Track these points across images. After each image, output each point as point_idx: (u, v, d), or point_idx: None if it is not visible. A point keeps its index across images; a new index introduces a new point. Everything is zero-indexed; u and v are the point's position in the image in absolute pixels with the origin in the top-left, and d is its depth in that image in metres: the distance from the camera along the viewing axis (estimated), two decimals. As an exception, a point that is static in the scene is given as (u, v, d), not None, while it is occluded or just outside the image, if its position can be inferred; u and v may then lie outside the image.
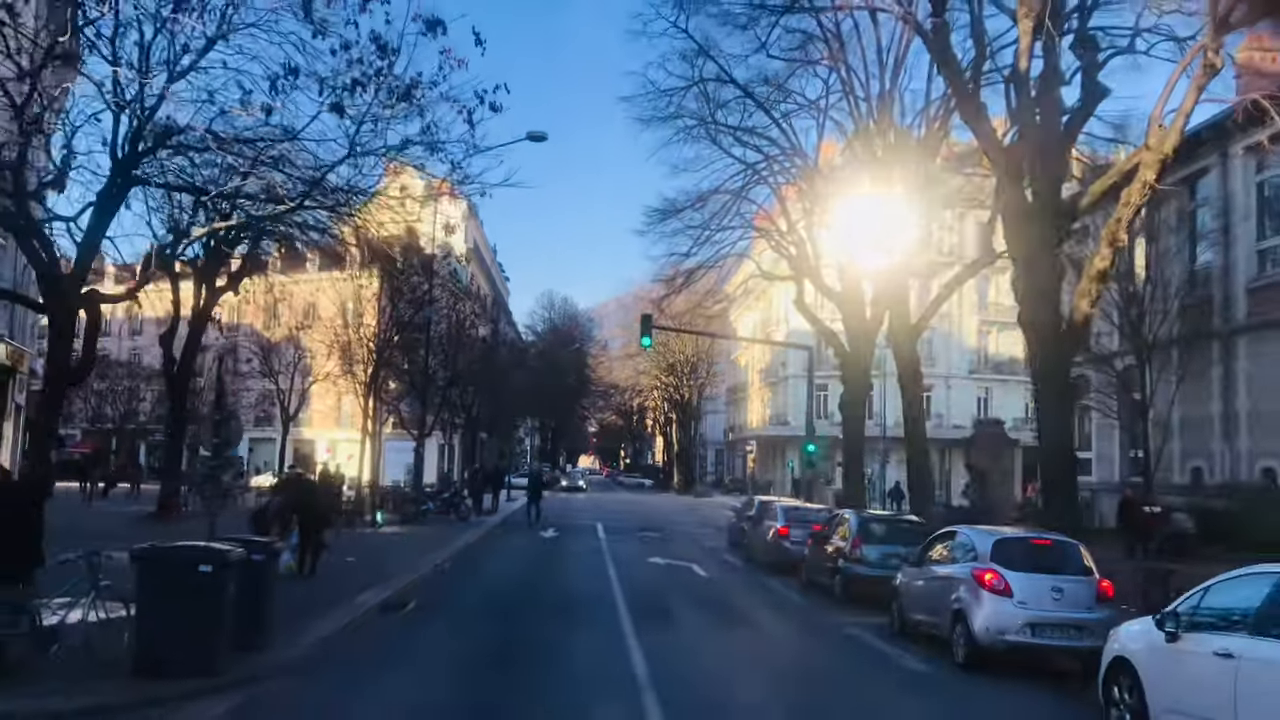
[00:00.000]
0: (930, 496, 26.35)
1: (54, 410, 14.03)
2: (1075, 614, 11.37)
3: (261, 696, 9.35)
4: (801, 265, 32.16)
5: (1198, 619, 7.97)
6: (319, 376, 47.71)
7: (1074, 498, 19.59)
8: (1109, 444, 31.46)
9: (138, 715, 8.38)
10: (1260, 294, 25.05)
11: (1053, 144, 19.03)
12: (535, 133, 23.68)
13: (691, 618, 15.27)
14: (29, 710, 8.20)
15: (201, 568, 9.53)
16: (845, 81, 26.66)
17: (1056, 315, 19.17)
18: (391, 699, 9.45)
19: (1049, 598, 11.54)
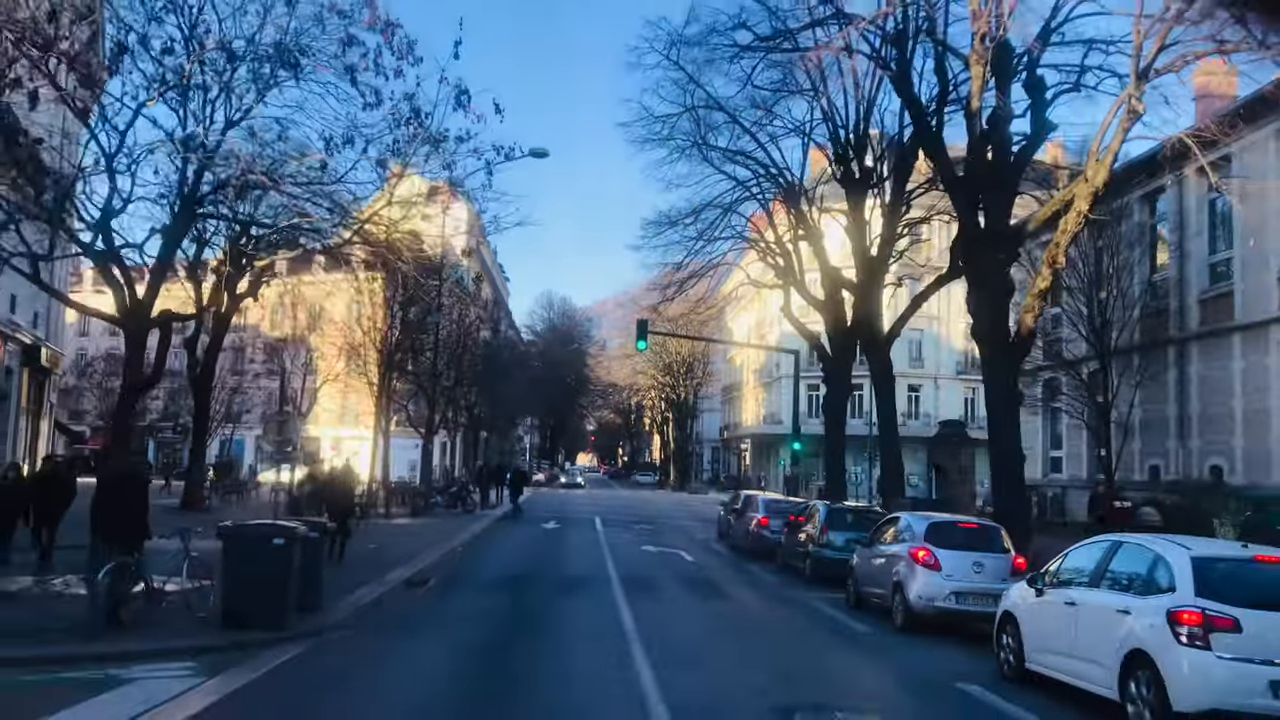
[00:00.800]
0: (901, 490, 28.55)
1: (127, 411, 16.34)
2: (993, 585, 13.59)
3: (322, 645, 11.63)
4: (787, 275, 34.31)
5: (1057, 578, 10.33)
6: (329, 377, 50.00)
7: (1022, 491, 21.81)
8: (1078, 443, 33.29)
9: (228, 656, 10.61)
10: (1211, 304, 27.02)
11: (1002, 175, 21.32)
12: (537, 149, 25.81)
13: (675, 591, 17.65)
14: (150, 649, 10.54)
15: (275, 541, 11.84)
16: (825, 111, 28.87)
17: (1004, 329, 21.45)
18: (426, 645, 11.80)
19: (971, 571, 13.86)
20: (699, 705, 9.06)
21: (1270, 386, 24.45)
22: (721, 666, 11.23)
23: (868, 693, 10.22)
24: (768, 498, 27.07)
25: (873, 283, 29.85)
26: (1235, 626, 7.99)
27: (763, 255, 36.26)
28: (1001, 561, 14.14)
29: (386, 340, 38.03)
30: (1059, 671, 9.87)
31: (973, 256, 21.60)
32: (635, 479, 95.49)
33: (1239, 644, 7.95)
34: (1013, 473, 21.20)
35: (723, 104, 28.33)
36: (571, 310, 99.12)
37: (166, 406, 73.02)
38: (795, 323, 35.29)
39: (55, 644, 10.34)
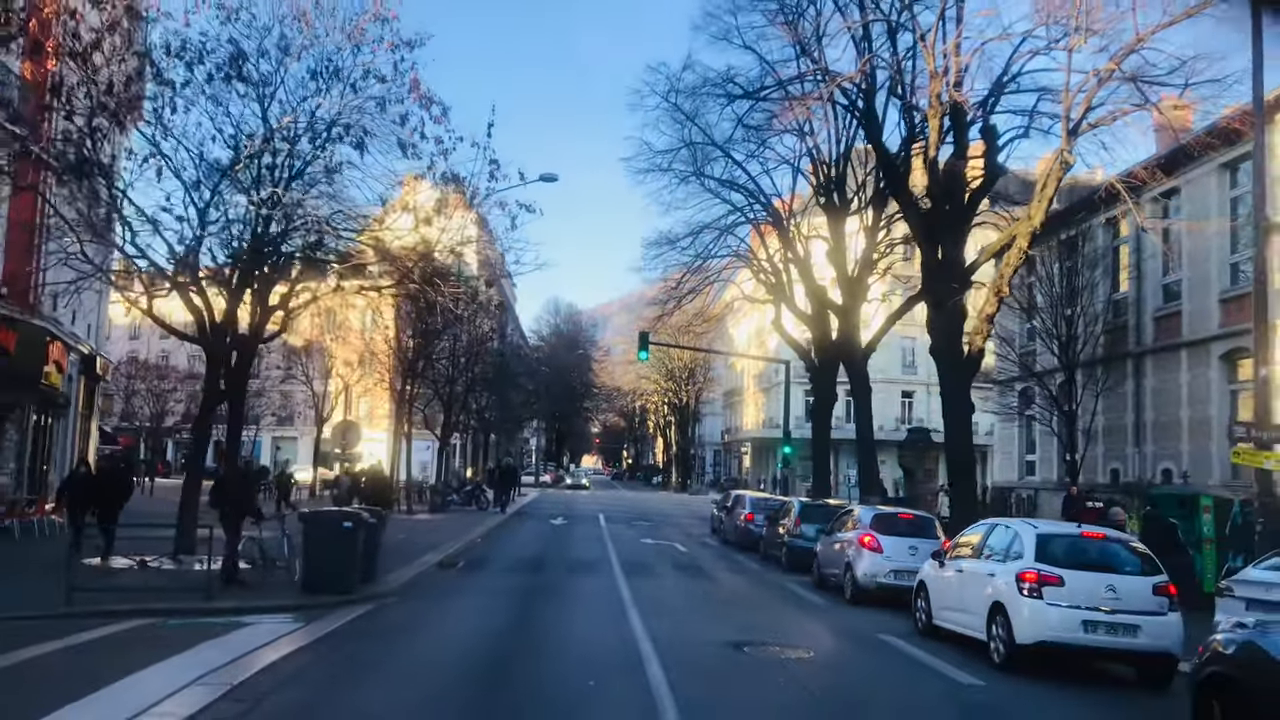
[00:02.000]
0: (875, 489, 31.57)
1: (207, 420, 19.47)
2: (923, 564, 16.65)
3: (382, 606, 14.71)
4: (778, 292, 37.36)
5: (953, 553, 13.40)
6: (350, 382, 53.01)
7: (972, 489, 24.86)
8: (1049, 449, 35.89)
9: (308, 613, 13.64)
10: (1164, 321, 29.67)
11: (957, 213, 24.40)
12: (547, 174, 28.88)
13: (668, 574, 20.77)
14: (258, 605, 13.69)
15: (345, 524, 14.95)
16: (812, 149, 31.96)
17: (958, 347, 24.53)
18: (464, 606, 14.92)
19: (908, 553, 16.87)
20: (674, 639, 12.11)
21: (1211, 398, 27.05)
22: (696, 621, 14.36)
23: (807, 639, 13.26)
24: (754, 496, 30.23)
25: (853, 302, 32.89)
26: (1060, 582, 11.06)
27: (756, 273, 39.29)
28: (933, 545, 17.10)
29: (405, 350, 40.94)
30: (952, 624, 12.94)
31: (931, 284, 24.67)
32: (657, 481, 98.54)
33: (1062, 595, 11.01)
34: (966, 473, 24.28)
35: (717, 141, 31.41)
36: (577, 315, 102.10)
37: (188, 409, 76.20)
38: (785, 336, 38.29)
39: (192, 600, 13.50)
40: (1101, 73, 21.38)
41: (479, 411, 53.44)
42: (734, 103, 28.83)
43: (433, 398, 45.13)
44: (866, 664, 11.94)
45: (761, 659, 11.36)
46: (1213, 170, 26.97)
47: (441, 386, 42.62)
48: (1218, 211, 26.86)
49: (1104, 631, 10.85)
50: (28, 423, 27.01)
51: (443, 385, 42.47)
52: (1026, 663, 11.09)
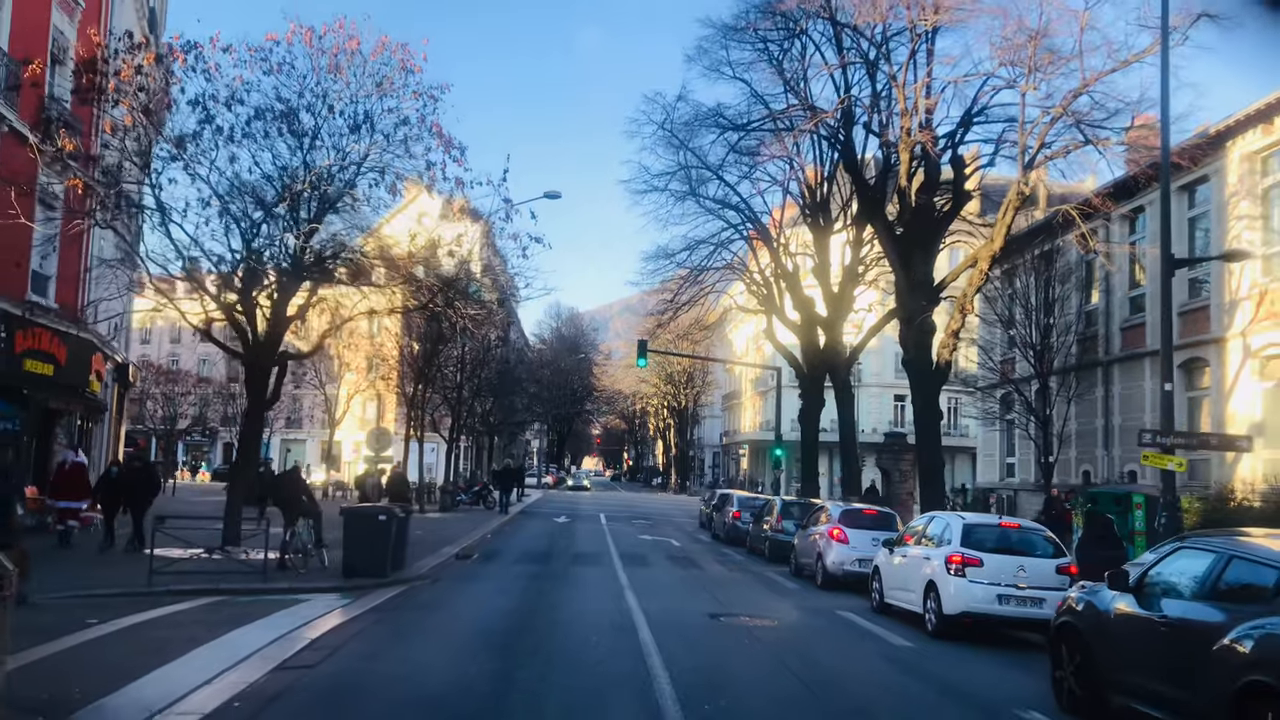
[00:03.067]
0: (857, 490, 33.85)
1: (255, 428, 21.85)
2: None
3: (413, 588, 17.06)
4: (768, 303, 39.66)
5: (900, 541, 15.75)
6: (361, 388, 55.49)
7: (940, 488, 27.16)
8: (1027, 451, 38.07)
9: (351, 593, 15.97)
10: (1130, 332, 31.82)
11: (927, 236, 26.74)
12: (551, 192, 31.28)
13: (661, 564, 23.16)
14: (308, 586, 16.07)
15: (380, 517, 17.31)
16: (799, 173, 34.30)
17: (928, 359, 26.87)
18: (483, 589, 17.30)
19: (870, 545, 19.18)
20: (662, 612, 14.47)
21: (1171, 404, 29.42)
22: (684, 599, 16.75)
23: (774, 613, 15.61)
24: (741, 495, 32.73)
25: (837, 315, 35.18)
26: (981, 563, 13.42)
27: (749, 286, 41.58)
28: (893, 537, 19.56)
29: (416, 358, 43.22)
30: (899, 601, 15.31)
31: (903, 301, 27.03)
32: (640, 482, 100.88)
33: (982, 574, 13.38)
34: (934, 474, 26.61)
35: (710, 165, 33.71)
36: (578, 319, 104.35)
37: (201, 412, 78.64)
38: (777, 344, 40.60)
39: (250, 582, 15.88)
40: (1053, 112, 23.72)
41: (484, 415, 55.74)
42: (725, 133, 31.17)
43: (441, 402, 47.43)
44: (819, 630, 14.29)
45: (732, 625, 13.78)
46: (1172, 192, 29.26)
47: (450, 391, 44.90)
48: (1177, 228, 29.08)
49: (1015, 604, 13.21)
50: (74, 428, 29.39)
51: (451, 390, 44.74)
52: (953, 631, 13.46)
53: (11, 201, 17.80)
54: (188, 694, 8.43)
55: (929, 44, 26.23)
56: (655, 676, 9.82)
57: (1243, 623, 7.24)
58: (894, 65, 26.83)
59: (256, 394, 21.09)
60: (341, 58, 18.86)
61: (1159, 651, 8.13)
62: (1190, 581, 8.19)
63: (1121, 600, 8.85)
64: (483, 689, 9.19)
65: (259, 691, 8.67)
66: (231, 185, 18.47)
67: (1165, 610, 8.23)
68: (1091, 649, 9.11)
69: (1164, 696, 8.00)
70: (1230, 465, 25.39)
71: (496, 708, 8.55)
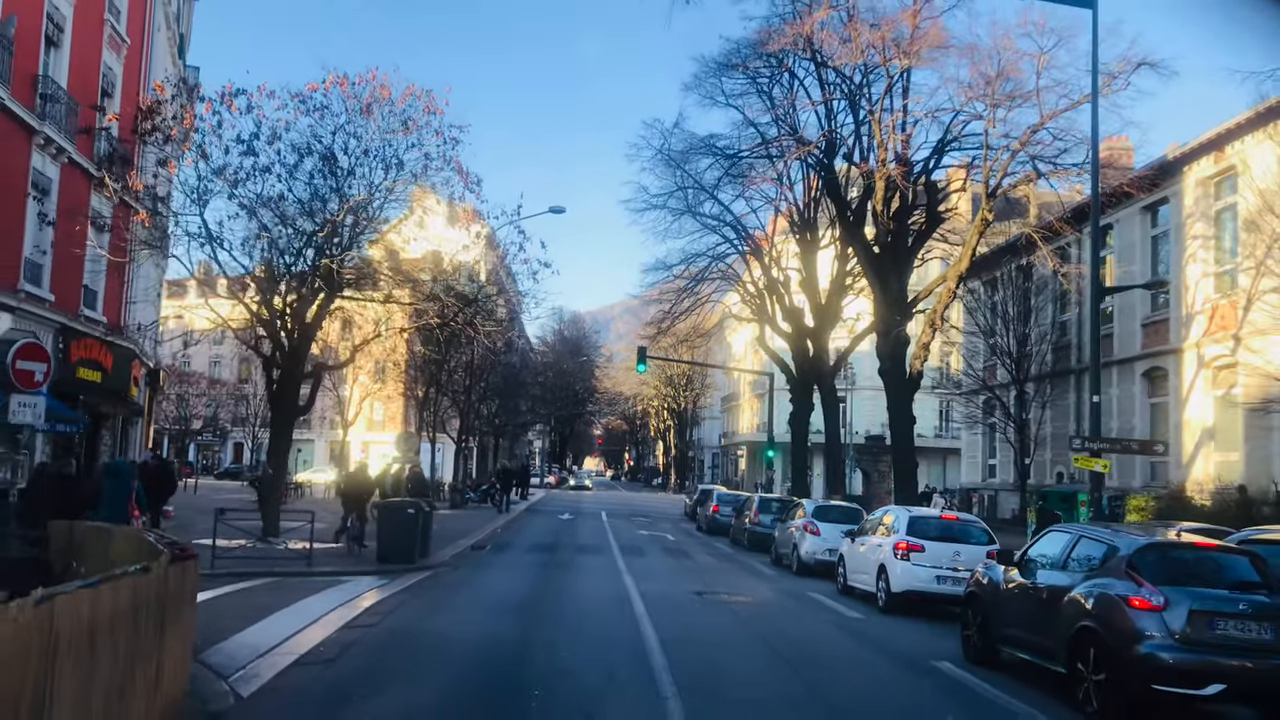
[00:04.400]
0: (842, 488, 36.37)
1: (287, 432, 24.31)
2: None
3: (438, 572, 19.54)
4: (761, 314, 42.12)
5: (861, 531, 18.24)
6: (373, 391, 57.92)
7: (914, 488, 29.64)
8: (1007, 453, 40.43)
9: (387, 575, 18.41)
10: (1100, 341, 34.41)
11: (901, 256, 29.22)
12: (555, 207, 33.61)
13: (656, 553, 25.69)
14: (351, 569, 18.57)
15: (409, 510, 19.80)
16: (789, 198, 36.85)
17: (902, 369, 29.34)
18: (499, 573, 19.82)
19: (839, 536, 21.69)
20: (654, 591, 16.97)
21: (1135, 410, 31.52)
22: (674, 581, 19.27)
23: (751, 592, 18.11)
24: (721, 491, 35.85)
25: (823, 326, 37.64)
26: (923, 550, 15.89)
27: (742, 295, 44.03)
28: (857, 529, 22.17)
29: (428, 363, 45.62)
30: (858, 583, 17.81)
31: (880, 315, 29.51)
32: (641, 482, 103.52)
33: (924, 558, 15.86)
34: (908, 474, 29.09)
35: (705, 186, 36.23)
36: (580, 321, 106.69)
37: (214, 413, 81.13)
38: (769, 352, 43.05)
39: (298, 566, 18.38)
40: (1012, 147, 26.18)
41: (490, 417, 58.17)
42: (719, 160, 33.73)
43: (450, 404, 49.82)
44: (787, 606, 16.80)
45: (713, 601, 16.32)
46: (1136, 212, 31.57)
47: (459, 395, 47.32)
48: (1141, 245, 31.46)
49: (951, 583, 15.67)
50: (117, 430, 31.92)
51: (460, 394, 47.17)
52: (900, 606, 15.94)
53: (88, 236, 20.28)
54: (281, 642, 10.94)
55: (904, 81, 28.72)
56: (645, 635, 12.32)
57: (1080, 584, 9.74)
58: (873, 100, 29.35)
59: (288, 402, 23.57)
60: (373, 104, 21.35)
61: (1030, 610, 10.63)
62: (1053, 556, 10.69)
63: (1010, 572, 11.36)
64: (510, 639, 11.72)
65: (336, 641, 11.18)
66: (274, 215, 20.95)
67: (1037, 579, 10.72)
68: (988, 611, 11.61)
69: (1032, 642, 10.51)
70: (1186, 467, 27.71)
71: (521, 652, 11.07)
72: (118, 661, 6.19)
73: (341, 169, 20.73)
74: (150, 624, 6.83)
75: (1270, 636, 8.66)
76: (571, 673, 10.07)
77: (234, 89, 21.20)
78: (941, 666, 11.51)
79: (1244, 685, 8.52)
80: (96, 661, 5.84)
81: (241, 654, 10.11)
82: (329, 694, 8.75)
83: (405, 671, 9.81)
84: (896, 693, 10.35)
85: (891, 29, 26.92)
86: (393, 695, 8.80)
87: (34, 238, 23.27)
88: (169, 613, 7.27)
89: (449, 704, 8.67)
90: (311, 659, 10.17)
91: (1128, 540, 9.76)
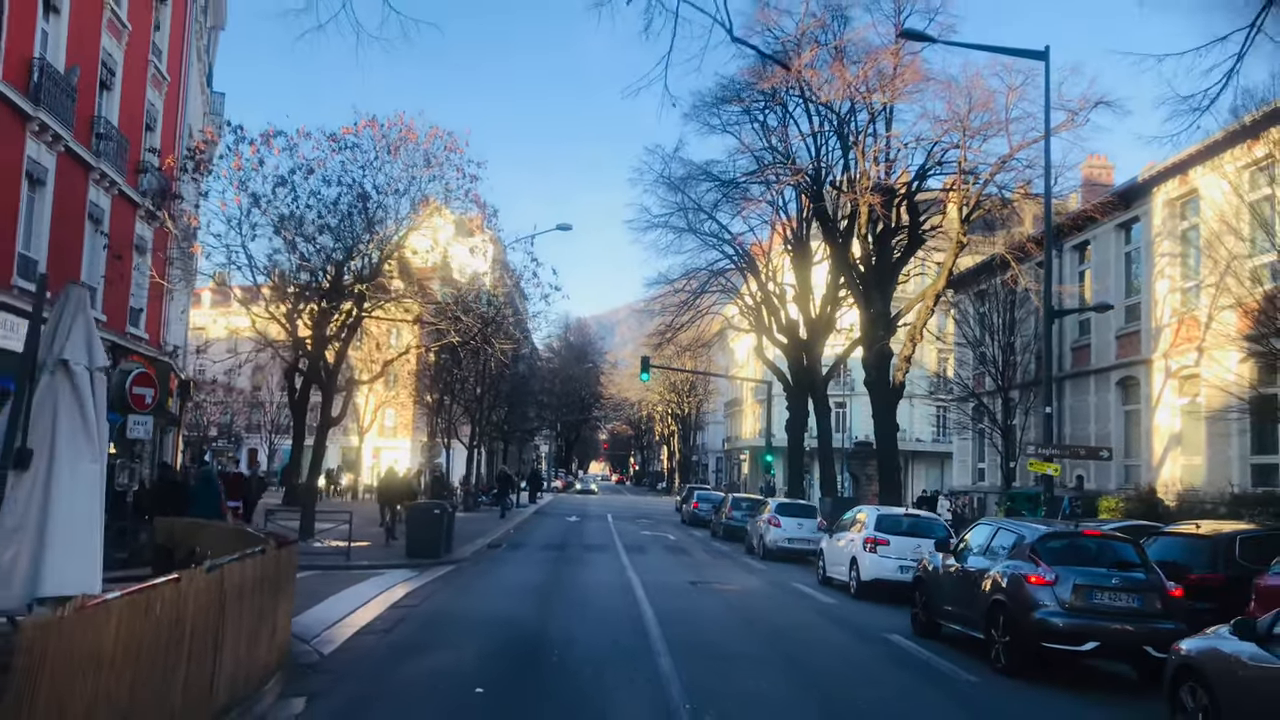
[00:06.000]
0: (833, 491, 38.55)
1: (322, 441, 26.64)
2: (809, 535, 24.79)
3: (461, 566, 21.86)
4: (758, 324, 44.37)
5: (838, 528, 20.54)
6: (386, 399, 60.25)
7: (898, 491, 31.90)
8: (995, 458, 42.47)
9: (413, 569, 20.69)
10: (1078, 352, 36.06)
11: (885, 276, 31.50)
12: (563, 224, 35.98)
13: (657, 552, 28.16)
14: (380, 563, 20.92)
15: (434, 511, 22.13)
16: (782, 218, 39.11)
17: (886, 380, 31.61)
18: (516, 567, 22.19)
19: (796, 528, 24.69)
20: (654, 581, 19.30)
21: (1110, 417, 33.45)
22: (672, 574, 21.68)
23: (741, 583, 20.41)
24: (701, 490, 40.98)
25: (816, 338, 39.87)
26: (889, 544, 18.18)
27: (741, 310, 46.30)
28: (814, 524, 25.90)
29: (441, 372, 47.90)
30: (835, 574, 20.11)
31: (865, 330, 31.81)
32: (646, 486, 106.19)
33: (889, 551, 18.15)
34: (892, 478, 31.35)
35: (704, 207, 38.56)
36: (585, 328, 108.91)
37: (231, 420, 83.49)
38: (767, 362, 45.30)
39: (336, 561, 20.71)
40: (983, 178, 28.47)
41: (499, 423, 60.40)
42: (716, 184, 36.11)
43: (462, 412, 52.07)
44: (771, 594, 19.13)
45: (705, 588, 18.75)
46: (1111, 230, 33.63)
47: (471, 403, 49.57)
48: (1115, 261, 33.48)
49: (912, 573, 17.88)
50: (157, 439, 34.29)
51: (472, 401, 49.42)
52: (868, 593, 18.23)
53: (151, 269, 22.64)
54: (343, 618, 13.27)
55: (887, 114, 31.00)
56: (645, 614, 14.64)
57: (995, 566, 12.03)
58: (859, 129, 31.65)
59: (326, 410, 25.95)
60: (400, 145, 23.75)
61: (961, 589, 12.92)
62: (979, 545, 12.99)
63: (947, 559, 13.65)
64: (530, 616, 14.07)
65: (388, 616, 13.52)
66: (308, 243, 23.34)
67: (967, 563, 13.01)
68: (929, 592, 13.90)
69: (961, 615, 12.81)
70: (1156, 470, 29.69)
71: (540, 625, 13.41)
72: (253, 615, 8.53)
73: (372, 204, 23.08)
74: (269, 591, 9.15)
75: (1138, 604, 10.95)
76: (582, 641, 12.39)
77: (274, 131, 23.63)
78: (891, 638, 13.79)
79: (1114, 643, 10.80)
80: (242, 613, 8.18)
81: (314, 626, 12.42)
82: (391, 652, 11.09)
83: (447, 639, 12.15)
84: (846, 654, 12.68)
85: (874, 65, 29.20)
86: (441, 655, 11.14)
87: (90, 264, 25.69)
88: (280, 584, 9.61)
89: (486, 660, 10.98)
90: (371, 630, 12.51)
91: (1032, 530, 12.07)
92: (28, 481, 5.77)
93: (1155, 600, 10.99)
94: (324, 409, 25.58)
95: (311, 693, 9.08)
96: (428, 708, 8.96)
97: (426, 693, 9.45)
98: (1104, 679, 11.62)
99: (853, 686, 10.64)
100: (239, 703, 8.10)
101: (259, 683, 8.75)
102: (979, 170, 29.21)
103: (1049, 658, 10.97)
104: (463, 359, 37.56)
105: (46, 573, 5.75)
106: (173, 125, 30.94)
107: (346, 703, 8.91)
